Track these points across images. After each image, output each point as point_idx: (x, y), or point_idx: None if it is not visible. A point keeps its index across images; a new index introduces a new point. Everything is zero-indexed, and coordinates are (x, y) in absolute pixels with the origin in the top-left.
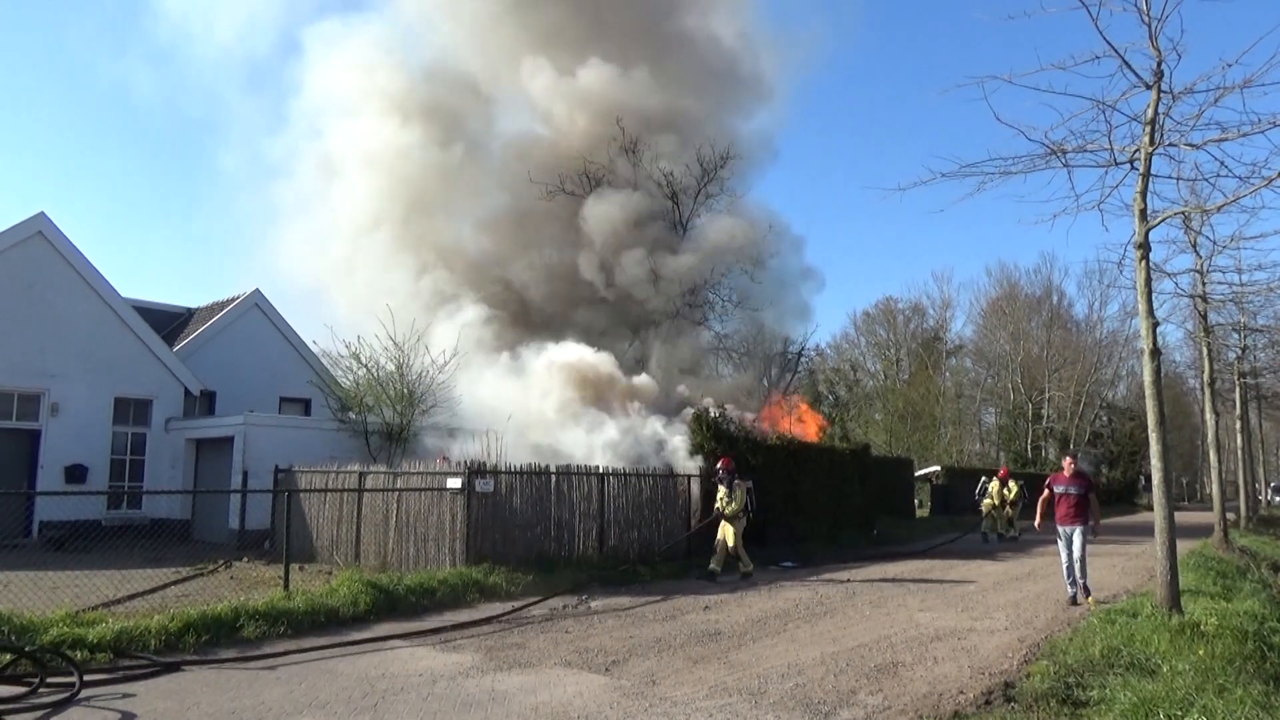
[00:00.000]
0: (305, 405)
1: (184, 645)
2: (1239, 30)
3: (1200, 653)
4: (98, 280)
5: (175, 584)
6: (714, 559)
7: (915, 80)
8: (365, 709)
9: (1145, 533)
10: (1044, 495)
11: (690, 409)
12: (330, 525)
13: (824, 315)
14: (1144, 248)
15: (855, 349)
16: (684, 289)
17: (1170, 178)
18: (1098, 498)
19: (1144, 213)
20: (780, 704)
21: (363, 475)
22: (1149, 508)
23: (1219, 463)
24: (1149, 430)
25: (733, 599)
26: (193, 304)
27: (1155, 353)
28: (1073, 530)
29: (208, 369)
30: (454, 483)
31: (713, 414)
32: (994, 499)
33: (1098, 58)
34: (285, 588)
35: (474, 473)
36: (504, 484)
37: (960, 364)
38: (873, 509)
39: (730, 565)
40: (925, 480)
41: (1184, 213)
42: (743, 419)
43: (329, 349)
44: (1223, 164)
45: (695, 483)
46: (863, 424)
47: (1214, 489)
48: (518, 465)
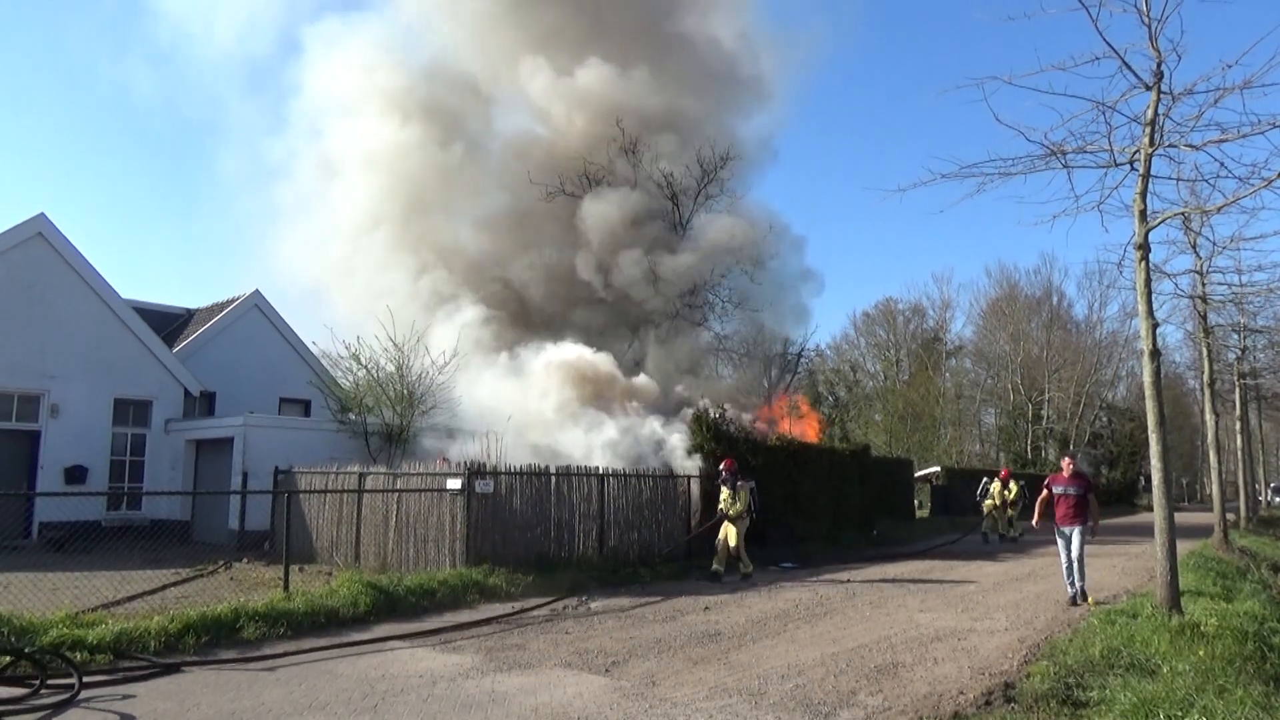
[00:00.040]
0: (305, 406)
1: (184, 646)
2: (1239, 31)
3: (1200, 653)
4: (98, 281)
5: (175, 585)
6: (716, 559)
7: (915, 81)
8: (365, 710)
9: (1145, 533)
10: (1042, 495)
11: (689, 409)
12: (330, 526)
13: (824, 316)
14: (1144, 248)
15: (855, 350)
16: (683, 289)
17: (1170, 179)
18: (1097, 498)
19: (1144, 214)
20: (780, 705)
21: (362, 476)
22: (1149, 508)
23: (1219, 463)
24: (1149, 431)
25: (733, 600)
26: (192, 305)
27: (1155, 353)
28: (1072, 530)
29: (207, 370)
30: (454, 484)
31: (713, 415)
32: (995, 499)
33: (1098, 59)
34: (285, 589)
35: (474, 474)
36: (504, 485)
37: (960, 365)
38: (872, 510)
39: (730, 566)
40: (925, 481)
41: (1184, 214)
42: (738, 418)
43: (329, 350)
44: (1222, 165)
45: (695, 483)
46: (863, 425)
47: (1214, 489)
48: (517, 466)
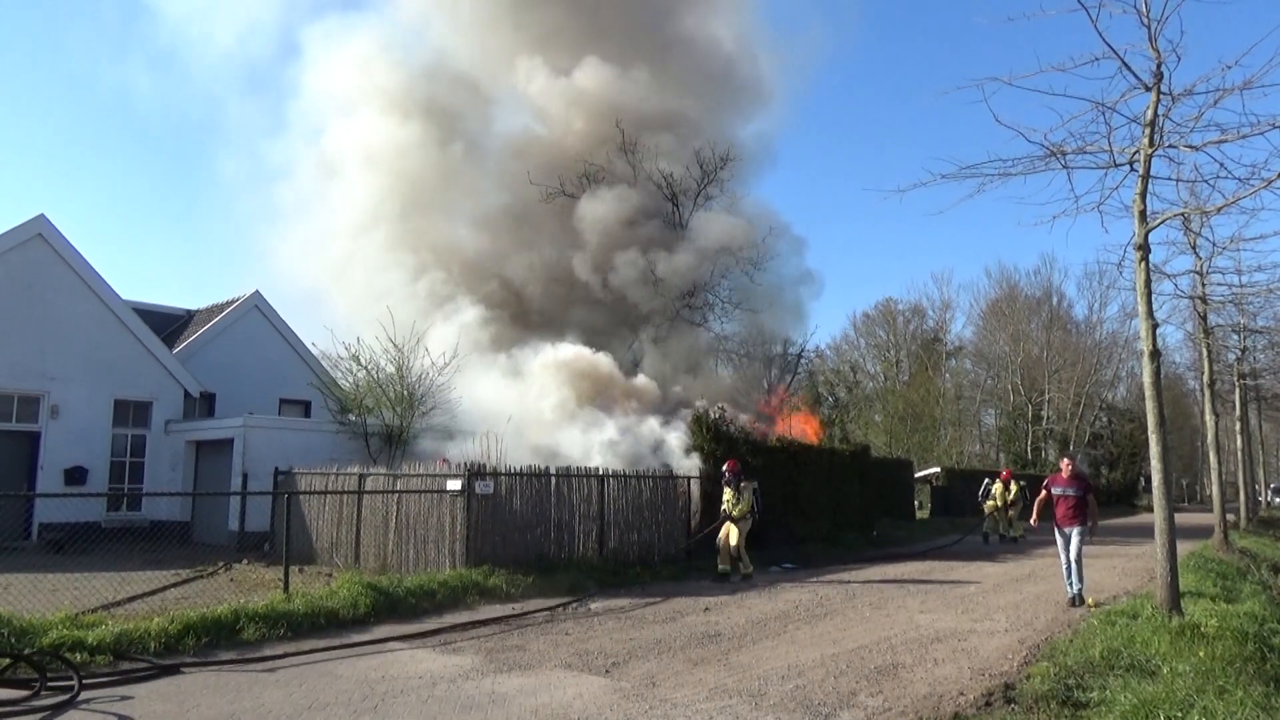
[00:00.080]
0: (305, 407)
1: (183, 647)
2: (1239, 32)
3: (1200, 654)
4: (98, 282)
5: (175, 586)
6: (721, 560)
7: (915, 82)
8: (365, 711)
9: (1145, 534)
10: (1041, 496)
11: (688, 409)
12: (330, 527)
13: (824, 317)
14: (1144, 249)
15: (855, 350)
16: (683, 290)
17: (1170, 179)
18: (1096, 499)
19: (1144, 214)
20: (780, 706)
21: (362, 477)
22: (1149, 509)
23: (1219, 464)
24: (1149, 431)
25: (732, 601)
26: (192, 306)
27: (1155, 354)
28: (1071, 531)
29: (207, 371)
30: (454, 485)
31: (713, 416)
32: (997, 500)
33: (1097, 59)
34: (285, 590)
35: (474, 474)
36: (504, 486)
37: (960, 365)
38: (872, 510)
39: (731, 566)
40: (925, 482)
41: (1184, 214)
42: (735, 418)
43: (329, 351)
44: (1222, 166)
45: (695, 484)
46: (862, 425)
47: (1214, 490)
48: (517, 467)
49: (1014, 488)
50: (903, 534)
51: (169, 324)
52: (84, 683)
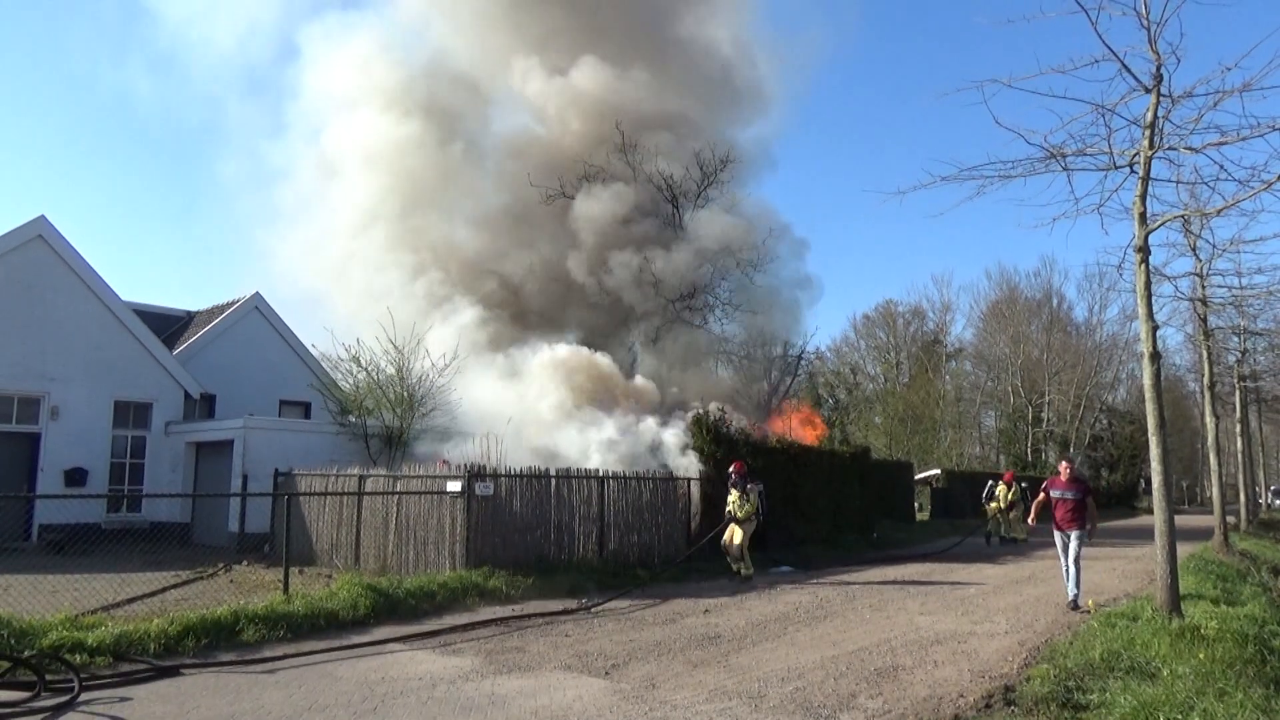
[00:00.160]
0: (305, 408)
1: (183, 649)
2: (1238, 34)
3: (1200, 656)
4: (98, 284)
5: (175, 587)
6: (731, 560)
7: (915, 83)
8: (365, 713)
9: (1145, 536)
10: (1039, 499)
11: (687, 410)
12: (330, 529)
13: (824, 318)
14: (1144, 251)
15: (855, 352)
16: (682, 290)
17: (1170, 181)
18: (1095, 502)
19: (1143, 216)
20: (780, 707)
21: (362, 479)
22: (1149, 511)
23: (1219, 466)
24: (1149, 433)
25: (732, 602)
26: (193, 307)
27: (1155, 356)
28: (1069, 535)
29: (208, 372)
30: (454, 486)
31: (713, 417)
32: (1000, 502)
33: (1097, 61)
34: (285, 591)
35: (474, 476)
36: (504, 487)
37: (960, 367)
38: (872, 512)
39: (730, 568)
40: (925, 483)
41: (1183, 216)
42: (735, 420)
43: (329, 352)
44: (1222, 168)
45: (695, 485)
46: (862, 427)
47: (1214, 492)
48: (517, 468)
49: (1012, 489)
50: (903, 536)
51: (169, 325)
52: (84, 684)
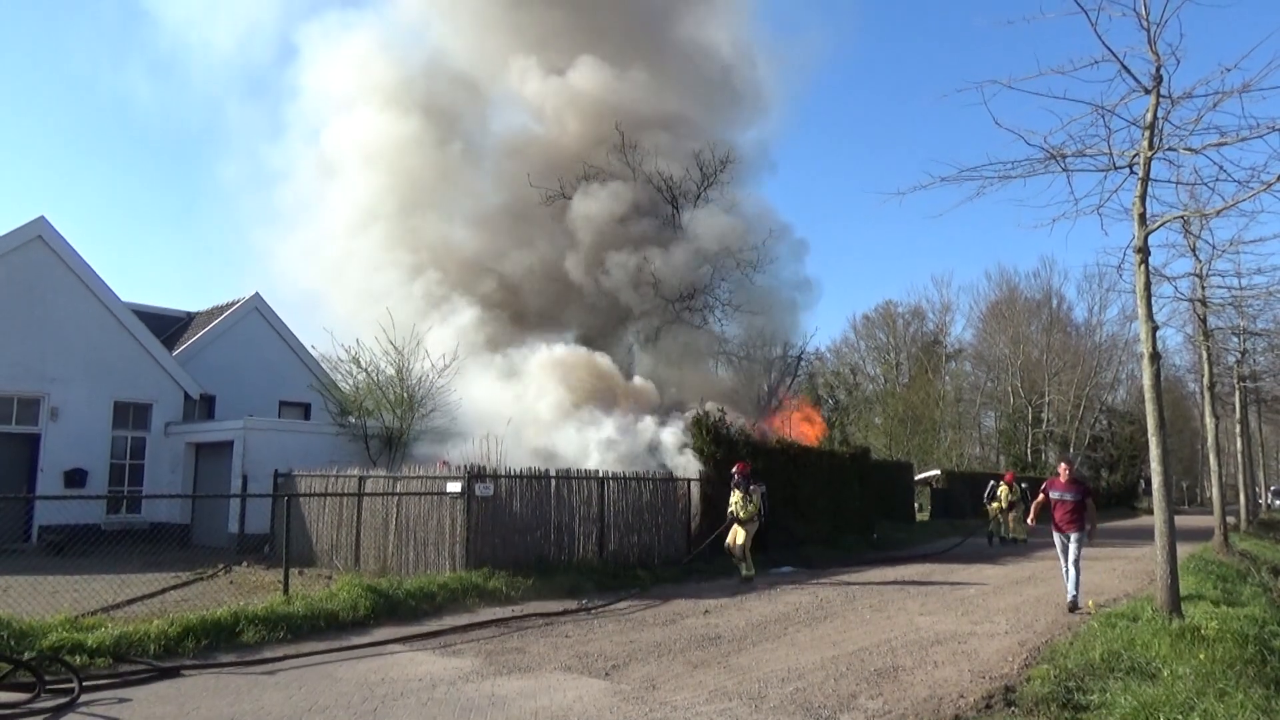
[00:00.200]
0: (305, 409)
1: (183, 650)
2: (1238, 35)
3: (1201, 657)
4: (98, 284)
5: (175, 588)
6: (736, 562)
7: (915, 84)
8: (365, 714)
9: (1145, 536)
10: (1038, 500)
11: (687, 410)
12: (330, 530)
13: (824, 319)
14: (1143, 252)
15: (855, 353)
16: (681, 290)
17: (1169, 182)
18: (1095, 503)
19: (1143, 217)
20: (780, 708)
21: (362, 479)
22: (1149, 511)
23: (1219, 466)
24: (1149, 434)
25: (732, 603)
26: (192, 308)
27: (1155, 356)
28: (1069, 536)
29: (207, 373)
30: (454, 487)
31: (712, 417)
32: (1002, 502)
33: (1097, 62)
34: (285, 592)
35: (473, 477)
36: (503, 488)
37: (960, 368)
38: (872, 513)
39: (731, 568)
40: (925, 484)
41: (1183, 217)
42: (732, 420)
43: (328, 353)
44: (1221, 168)
45: (695, 486)
46: (862, 428)
47: (1214, 493)
48: (517, 469)
49: (1010, 489)
50: (903, 536)
51: (169, 326)
52: (84, 685)
